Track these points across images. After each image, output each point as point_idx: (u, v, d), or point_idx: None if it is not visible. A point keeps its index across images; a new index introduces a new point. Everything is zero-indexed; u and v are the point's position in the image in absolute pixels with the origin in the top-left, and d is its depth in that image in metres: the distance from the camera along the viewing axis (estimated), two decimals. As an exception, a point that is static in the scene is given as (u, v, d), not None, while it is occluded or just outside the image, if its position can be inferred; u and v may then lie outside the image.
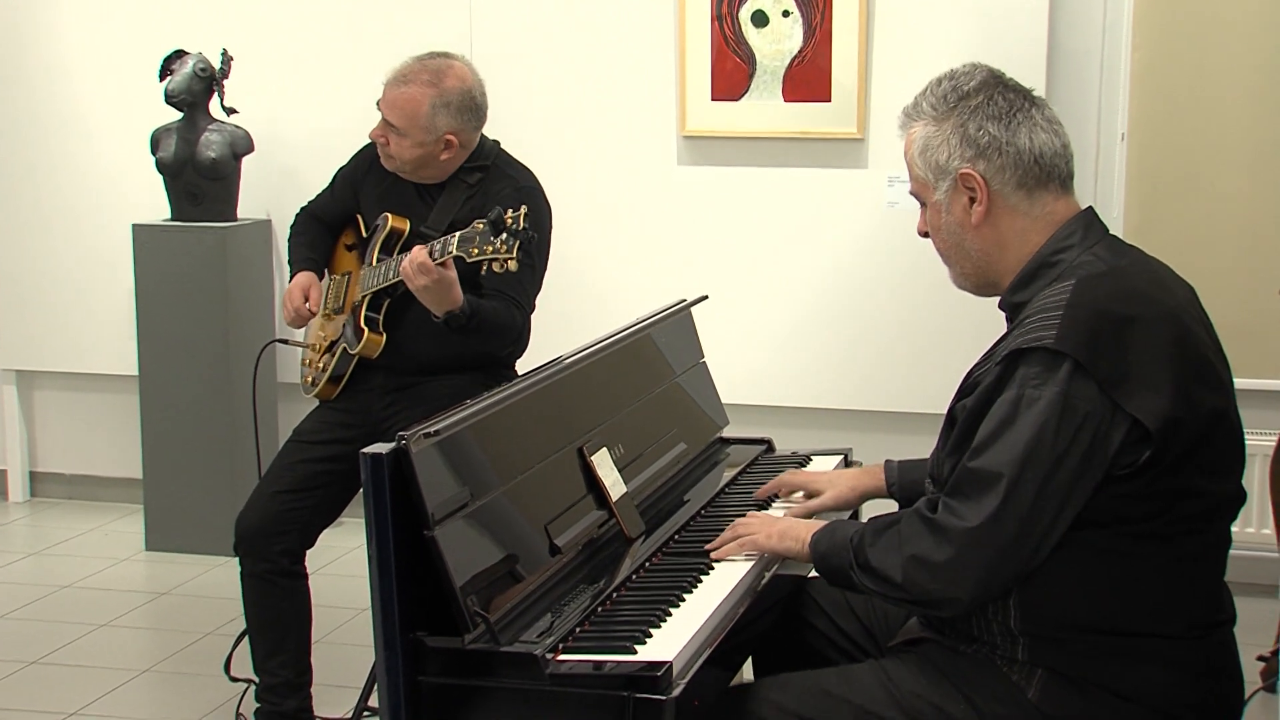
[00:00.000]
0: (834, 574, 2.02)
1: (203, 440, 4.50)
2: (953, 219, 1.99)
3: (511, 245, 2.63)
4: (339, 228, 3.28)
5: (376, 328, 3.06)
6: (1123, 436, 1.81)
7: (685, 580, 2.15)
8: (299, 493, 3.03)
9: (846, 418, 4.38)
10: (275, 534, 3.02)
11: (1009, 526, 1.81)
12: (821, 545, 2.05)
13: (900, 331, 4.31)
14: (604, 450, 2.38)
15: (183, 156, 4.48)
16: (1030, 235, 1.96)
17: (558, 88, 4.45)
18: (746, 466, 2.82)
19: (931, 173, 1.99)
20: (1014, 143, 1.95)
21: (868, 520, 2.01)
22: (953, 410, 1.96)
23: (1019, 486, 1.80)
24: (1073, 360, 1.80)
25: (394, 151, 3.03)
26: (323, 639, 3.65)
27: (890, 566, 1.90)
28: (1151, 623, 1.89)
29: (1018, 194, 1.95)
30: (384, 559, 1.90)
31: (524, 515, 2.15)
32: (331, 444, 3.08)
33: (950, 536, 1.83)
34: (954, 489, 1.87)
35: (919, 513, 1.90)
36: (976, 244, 1.98)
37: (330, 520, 3.13)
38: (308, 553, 3.11)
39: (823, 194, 4.32)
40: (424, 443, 1.94)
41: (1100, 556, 1.87)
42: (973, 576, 1.83)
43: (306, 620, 3.13)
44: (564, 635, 1.95)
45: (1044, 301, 1.88)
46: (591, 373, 2.50)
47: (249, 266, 4.58)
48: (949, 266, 2.05)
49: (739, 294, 4.37)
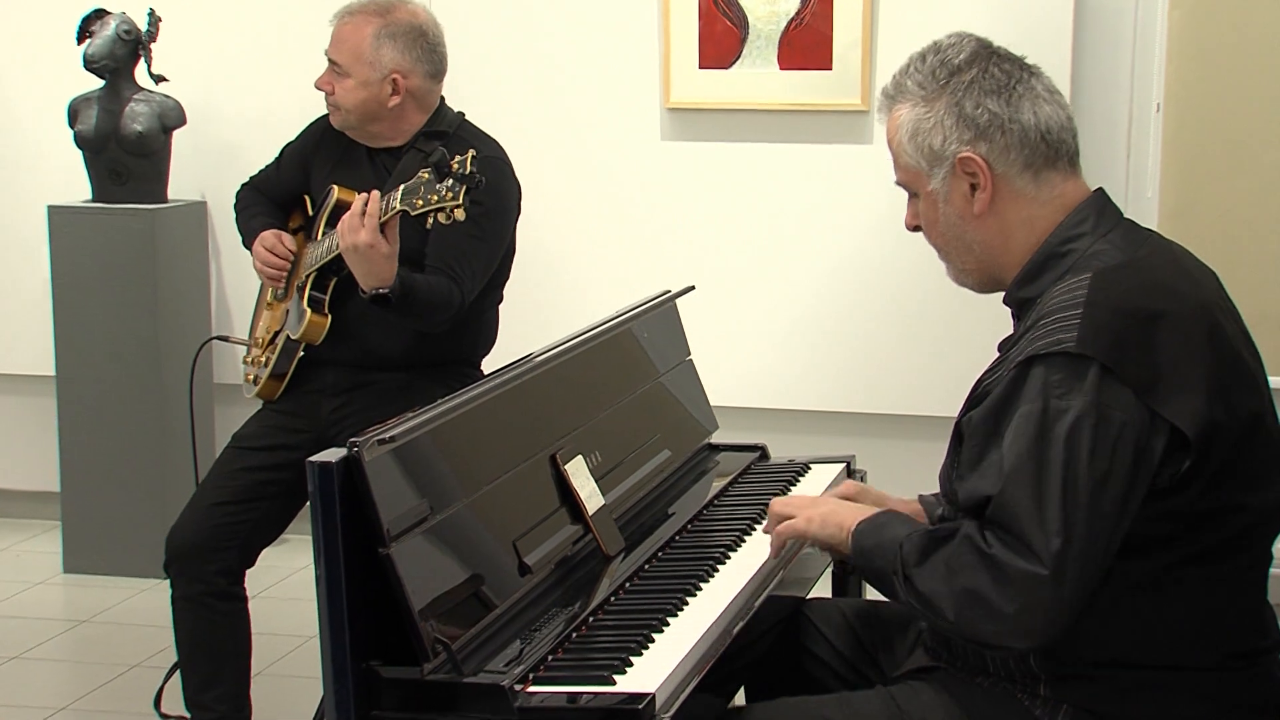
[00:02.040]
0: (875, 575, 2.00)
1: (129, 449, 4.49)
2: (952, 209, 1.98)
3: (458, 191, 2.65)
4: (286, 209, 3.29)
5: (321, 309, 3.07)
6: (1164, 445, 1.81)
7: (669, 602, 2.16)
8: (238, 505, 3.04)
9: (850, 422, 4.39)
10: (211, 552, 3.02)
11: (1070, 567, 1.78)
12: (866, 540, 2.02)
13: (910, 326, 4.33)
14: (579, 458, 2.39)
15: (105, 130, 4.47)
16: (1037, 222, 1.96)
17: (526, 55, 4.46)
18: (738, 476, 2.84)
19: (924, 160, 1.98)
20: (1017, 119, 1.94)
21: (922, 528, 1.98)
22: (960, 425, 1.95)
23: (1071, 517, 1.78)
24: (1099, 365, 1.79)
25: (339, 98, 3.08)
26: (264, 670, 3.65)
27: (940, 597, 1.87)
28: (1187, 654, 1.90)
29: (1024, 176, 1.95)
30: (333, 580, 1.90)
31: (490, 531, 2.16)
32: (275, 450, 3.09)
33: (1014, 580, 1.80)
34: (999, 522, 1.83)
35: (970, 539, 1.86)
36: (979, 236, 1.98)
37: (273, 536, 3.14)
38: (248, 573, 3.11)
39: (823, 172, 4.33)
40: (378, 450, 1.95)
41: (1133, 586, 1.87)
42: (1038, 628, 1.81)
43: (246, 649, 3.13)
44: (535, 664, 1.96)
45: (1058, 299, 1.87)
46: (565, 372, 2.51)
47: (181, 254, 4.58)
48: (947, 263, 2.05)
49: (729, 284, 4.39)
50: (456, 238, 2.98)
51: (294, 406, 3.16)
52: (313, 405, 3.14)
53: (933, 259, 4.10)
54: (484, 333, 3.22)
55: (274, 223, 3.25)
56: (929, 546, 1.92)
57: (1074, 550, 1.78)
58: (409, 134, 3.13)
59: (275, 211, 3.29)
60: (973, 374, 2.04)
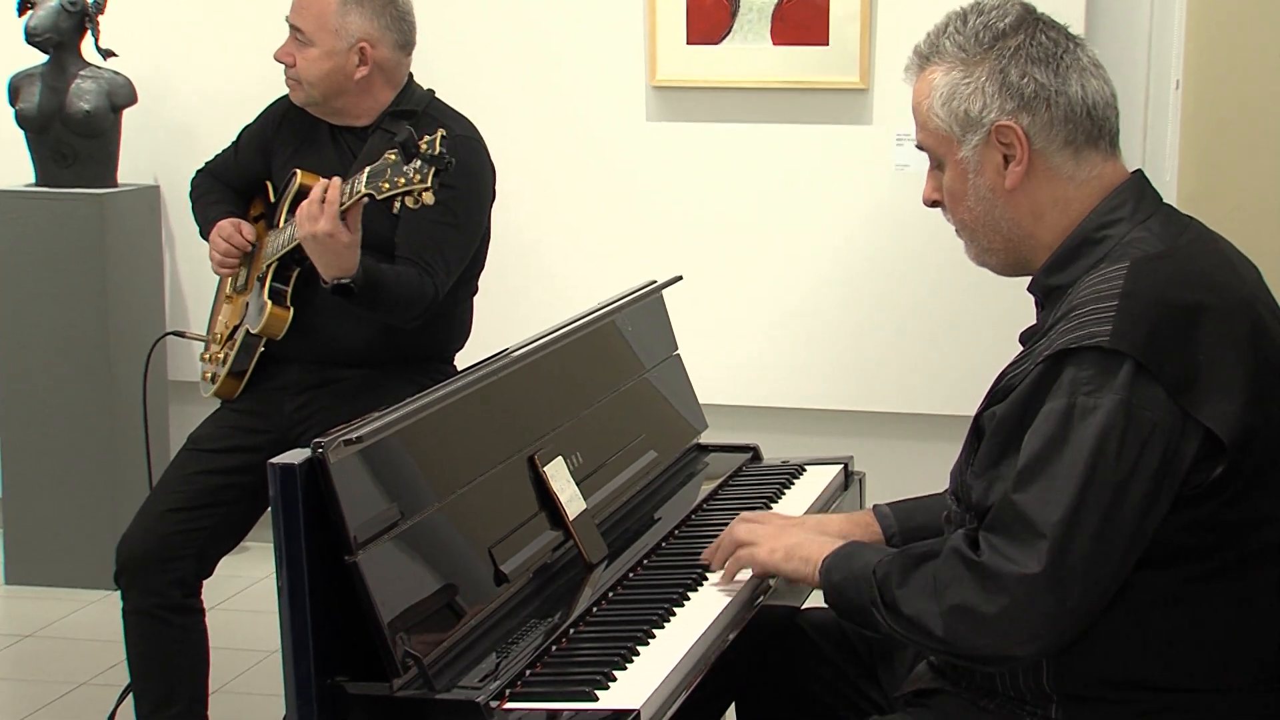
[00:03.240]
0: (850, 610, 2.00)
1: (77, 451, 4.48)
2: (982, 182, 1.97)
3: (426, 173, 2.65)
4: (245, 195, 3.29)
5: (282, 301, 3.07)
6: (1195, 450, 1.81)
7: (655, 613, 2.17)
8: (194, 511, 3.04)
9: (848, 420, 4.41)
10: (165, 561, 3.02)
11: (1073, 569, 1.78)
12: (835, 574, 2.03)
13: (913, 318, 4.34)
14: (559, 460, 2.40)
15: (49, 108, 4.46)
16: (1072, 204, 1.96)
17: (500, 29, 4.46)
18: (728, 478, 2.84)
19: (957, 125, 1.97)
20: (1064, 91, 1.93)
21: (893, 551, 1.99)
22: (980, 419, 1.95)
23: (1081, 517, 1.78)
24: (1133, 361, 1.79)
25: (301, 71, 3.08)
26: (223, 687, 3.65)
27: (927, 615, 1.87)
28: (1214, 674, 1.90)
29: (1063, 154, 1.95)
30: (296, 590, 1.90)
31: (464, 537, 2.16)
32: (234, 452, 3.09)
33: (1003, 584, 1.80)
34: (998, 523, 1.84)
35: (959, 552, 1.87)
36: (1008, 213, 1.97)
37: (232, 544, 3.14)
38: (205, 583, 3.11)
39: (819, 155, 4.34)
40: (344, 451, 1.95)
41: (1158, 601, 1.87)
42: (1032, 631, 1.81)
43: (203, 665, 3.13)
44: (512, 679, 1.96)
45: (1091, 290, 1.87)
46: (544, 368, 2.52)
47: (133, 242, 4.57)
48: (969, 241, 2.04)
49: (719, 274, 4.39)
50: (427, 226, 2.98)
51: (254, 405, 3.16)
52: (274, 404, 3.14)
53: (938, 246, 4.08)
54: (457, 326, 3.22)
55: (233, 210, 3.24)
56: (911, 565, 1.93)
57: (1080, 551, 1.78)
58: (375, 112, 3.13)
59: (234, 199, 3.29)
60: (980, 369, 2.06)
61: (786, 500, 2.71)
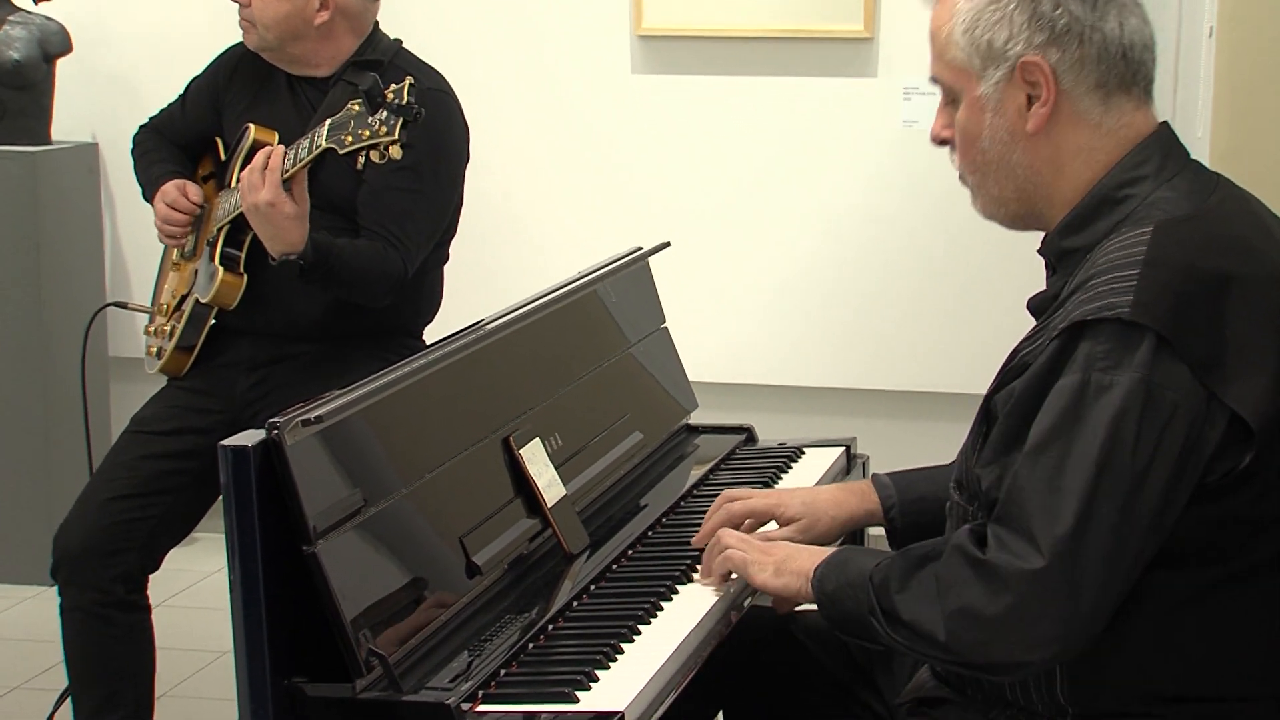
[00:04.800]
0: (846, 621, 1.99)
1: (9, 434, 4.48)
2: (1001, 122, 1.94)
3: (393, 124, 2.64)
4: (193, 153, 3.29)
5: (235, 267, 3.07)
6: (1220, 435, 1.80)
7: (641, 608, 2.18)
8: (139, 499, 3.04)
9: (849, 399, 4.42)
10: (108, 554, 3.02)
11: (1086, 566, 1.77)
12: (829, 583, 2.02)
13: (920, 289, 4.35)
14: (536, 442, 2.41)
15: (-23, 59, 4.45)
16: (1097, 155, 1.94)
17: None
18: (721, 462, 2.86)
19: (978, 56, 1.93)
20: (1100, 28, 1.91)
21: (891, 554, 1.98)
22: (991, 400, 1.94)
23: (1095, 508, 1.77)
24: (1155, 335, 1.78)
25: (256, 12, 3.07)
26: (170, 691, 3.66)
27: (929, 621, 1.86)
28: (1243, 686, 1.89)
29: (1092, 97, 1.92)
30: (250, 584, 1.91)
31: (433, 526, 2.17)
32: (182, 434, 3.10)
33: (1007, 582, 1.79)
34: (1006, 515, 1.83)
35: (962, 549, 1.86)
36: (1026, 159, 1.95)
37: (180, 535, 3.14)
38: (150, 578, 3.12)
39: (819, 110, 4.35)
40: (303, 432, 1.95)
41: (1179, 604, 1.86)
42: (1043, 634, 1.80)
43: (149, 667, 3.14)
44: (485, 680, 1.97)
45: (1111, 257, 1.85)
46: (521, 342, 2.52)
47: (69, 204, 4.56)
48: (977, 188, 2.01)
49: (710, 240, 4.40)
50: (392, 194, 2.97)
51: (204, 383, 3.16)
52: (226, 382, 3.14)
53: (947, 209, 4.07)
54: (425, 298, 3.22)
55: (179, 170, 3.23)
56: (911, 566, 1.92)
57: (1094, 546, 1.77)
58: (337, 62, 3.11)
59: (181, 157, 3.28)
60: (990, 345, 2.06)
61: (783, 486, 2.72)
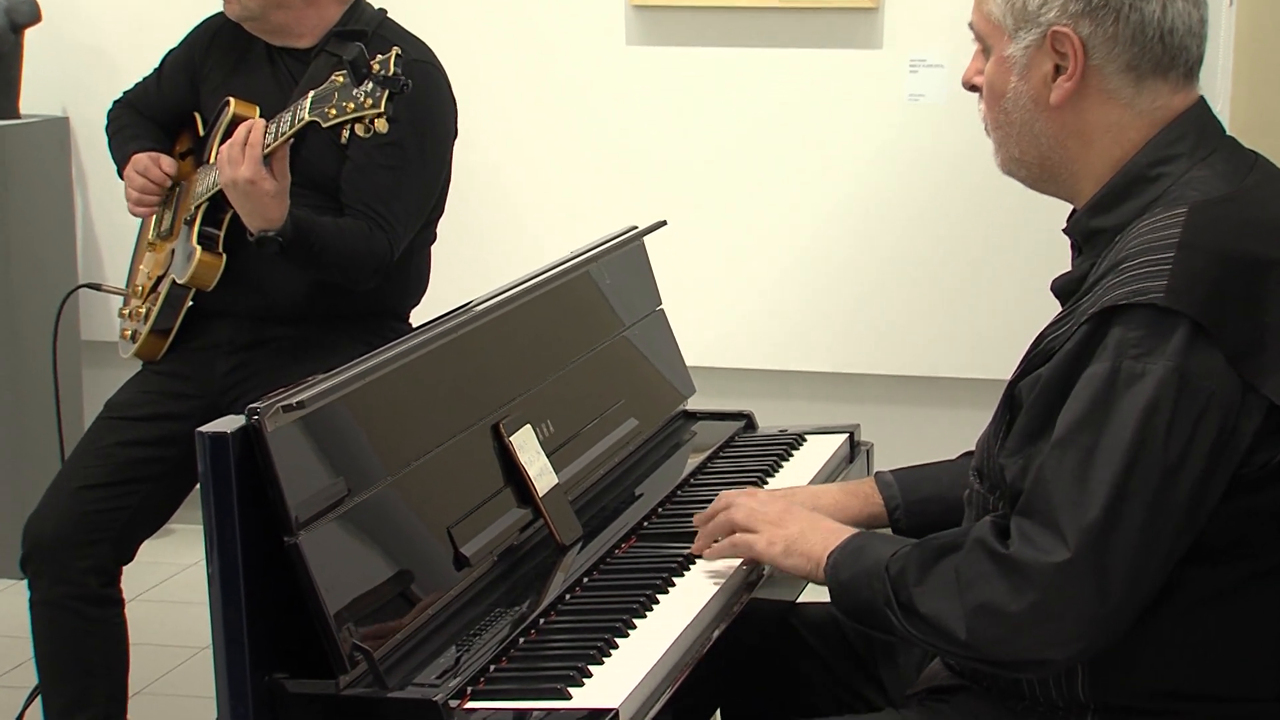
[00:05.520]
0: (860, 611, 2.00)
1: (-24, 420, 4.49)
2: (1026, 88, 1.95)
3: (379, 96, 2.64)
4: (170, 130, 3.28)
5: (214, 247, 3.07)
6: (1256, 427, 1.80)
7: (636, 601, 2.18)
8: (113, 488, 3.04)
9: (853, 385, 4.42)
10: (79, 545, 3.03)
11: (1115, 561, 1.78)
12: (843, 571, 2.02)
13: (928, 270, 4.35)
14: (527, 428, 2.41)
15: (-58, 29, 4.44)
16: (1127, 133, 1.94)
17: (462, -63, 4.45)
18: (719, 450, 2.86)
19: (1013, 15, 1.94)
20: (1140, 8, 1.90)
21: (909, 544, 1.98)
22: (1015, 388, 1.94)
23: (1124, 501, 1.77)
24: (1190, 322, 1.78)
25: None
26: (145, 688, 3.66)
27: (948, 616, 1.87)
28: (1266, 684, 1.90)
29: (1122, 77, 1.92)
30: (229, 577, 1.90)
31: (420, 516, 2.17)
32: (158, 421, 3.10)
33: (1033, 578, 1.80)
34: (1030, 508, 1.83)
35: (984, 543, 1.86)
36: (1050, 129, 1.95)
37: (156, 526, 3.15)
38: (124, 570, 3.12)
39: (822, 84, 4.34)
40: (284, 418, 1.95)
41: (1205, 600, 1.87)
42: (1069, 631, 1.80)
43: (122, 663, 3.14)
44: (474, 676, 1.97)
45: (1144, 239, 1.85)
46: (511, 325, 2.52)
47: (39, 182, 4.56)
48: (999, 144, 2.01)
49: (709, 219, 4.40)
50: (378, 171, 2.97)
51: (181, 368, 3.16)
52: (204, 366, 3.14)
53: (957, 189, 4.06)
54: (412, 279, 3.22)
55: (155, 147, 3.23)
56: (930, 558, 1.92)
57: (1123, 541, 1.78)
58: (319, 32, 3.11)
59: (157, 133, 3.28)
60: (1006, 328, 2.06)
61: (784, 474, 2.72)
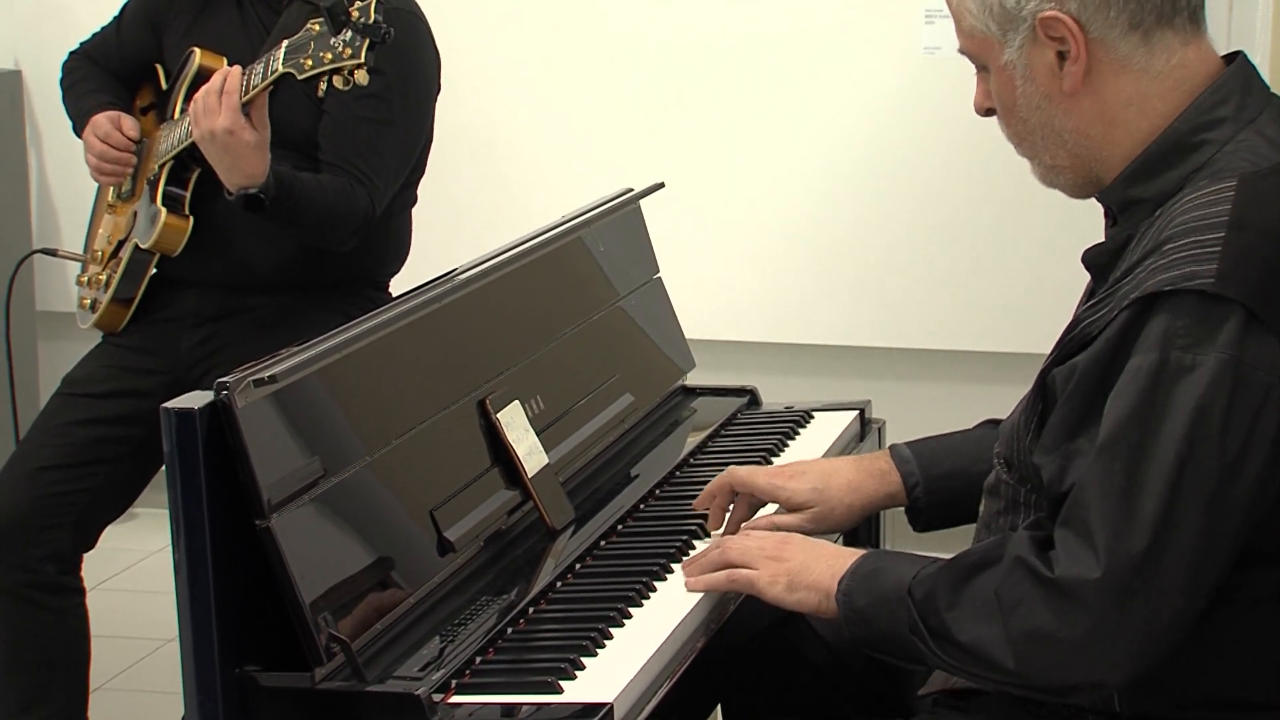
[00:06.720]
0: (881, 639, 1.98)
1: (-75, 396, 4.48)
2: (1034, 89, 1.94)
3: (358, 46, 2.63)
4: (130, 83, 3.28)
5: (179, 208, 3.06)
6: None
7: (631, 590, 2.18)
8: (72, 470, 3.04)
9: (863, 358, 4.42)
10: (36, 531, 3.03)
11: (1170, 575, 1.77)
12: (858, 597, 2.00)
13: (943, 236, 4.34)
14: (516, 405, 2.41)
15: (-112, -23, 4.43)
16: (1150, 101, 1.92)
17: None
18: (720, 427, 2.86)
19: (994, 22, 1.93)
20: None
21: (930, 562, 1.96)
22: (1048, 376, 1.92)
23: (1178, 508, 1.76)
24: (1243, 309, 1.76)
25: None
26: (107, 683, 3.66)
27: (991, 643, 1.85)
28: None
29: (1129, 40, 1.90)
30: (197, 563, 1.91)
31: (401, 498, 2.18)
32: (120, 397, 3.10)
33: (1085, 602, 1.79)
34: (1074, 519, 1.82)
35: (1025, 563, 1.85)
36: (1072, 122, 1.94)
37: (118, 510, 3.15)
38: (85, 557, 3.12)
39: (832, 35, 4.34)
40: (255, 393, 1.95)
41: (1250, 606, 1.86)
42: (1124, 652, 1.80)
43: (83, 656, 3.15)
44: (459, 668, 1.98)
45: (1190, 217, 1.83)
46: (498, 294, 2.52)
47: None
48: (1032, 158, 2.01)
49: (709, 180, 4.39)
50: (358, 124, 2.97)
51: (144, 340, 3.16)
52: (169, 338, 3.14)
53: (975, 149, 4.08)
54: (392, 244, 3.22)
55: (114, 101, 3.22)
56: (961, 578, 1.91)
57: (1179, 552, 1.76)
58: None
59: (116, 87, 3.27)
60: (1018, 299, 2.05)
61: (790, 453, 2.73)
